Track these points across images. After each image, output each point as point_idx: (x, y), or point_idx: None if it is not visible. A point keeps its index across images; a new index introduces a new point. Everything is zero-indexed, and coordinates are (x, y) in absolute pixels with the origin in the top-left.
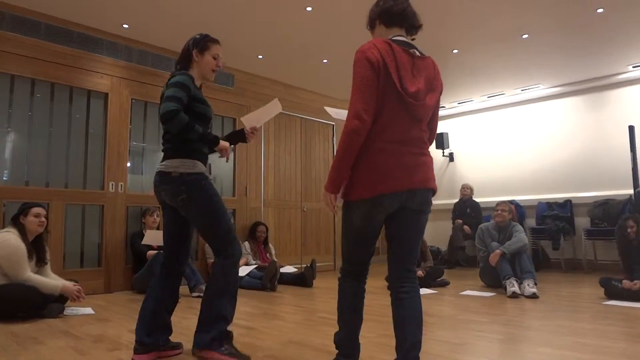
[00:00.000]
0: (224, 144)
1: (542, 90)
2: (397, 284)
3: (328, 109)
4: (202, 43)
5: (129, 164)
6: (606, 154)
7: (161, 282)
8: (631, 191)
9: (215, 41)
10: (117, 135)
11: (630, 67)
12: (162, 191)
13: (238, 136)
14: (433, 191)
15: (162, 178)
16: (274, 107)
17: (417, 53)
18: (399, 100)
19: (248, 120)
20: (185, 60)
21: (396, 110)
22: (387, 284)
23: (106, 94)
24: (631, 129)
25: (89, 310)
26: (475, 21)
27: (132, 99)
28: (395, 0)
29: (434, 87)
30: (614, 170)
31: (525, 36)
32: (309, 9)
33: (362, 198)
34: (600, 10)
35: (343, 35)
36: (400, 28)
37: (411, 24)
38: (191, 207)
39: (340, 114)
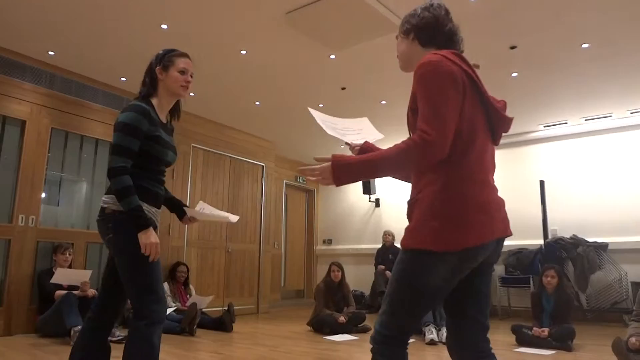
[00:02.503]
0: (147, 237)
1: None
2: (477, 354)
3: (312, 111)
4: (166, 59)
5: (44, 195)
6: (520, 205)
7: (88, 336)
8: (542, 241)
9: (182, 55)
10: (33, 165)
11: (541, 127)
12: (98, 227)
13: (178, 210)
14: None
15: (99, 213)
16: (229, 217)
17: None
18: (488, 124)
19: (194, 212)
20: (149, 81)
21: (486, 137)
22: (309, 328)
23: (24, 121)
24: (542, 183)
25: None
26: (404, 76)
27: (52, 128)
28: (447, 13)
29: None
30: (527, 221)
31: None
32: (243, 52)
33: (465, 247)
34: (514, 75)
35: (275, 79)
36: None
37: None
38: (115, 250)
39: (326, 121)
